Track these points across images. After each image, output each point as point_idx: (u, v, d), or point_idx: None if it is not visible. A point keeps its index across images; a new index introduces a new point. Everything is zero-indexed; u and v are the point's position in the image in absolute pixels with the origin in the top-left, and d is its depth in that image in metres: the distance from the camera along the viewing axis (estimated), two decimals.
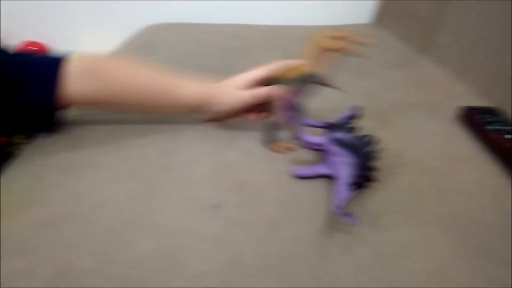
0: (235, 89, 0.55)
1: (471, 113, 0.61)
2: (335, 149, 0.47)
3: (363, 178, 0.47)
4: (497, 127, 0.56)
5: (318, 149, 0.50)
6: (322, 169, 0.49)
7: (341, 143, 0.47)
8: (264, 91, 0.54)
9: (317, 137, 0.50)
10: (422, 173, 0.52)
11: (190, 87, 0.55)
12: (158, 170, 0.49)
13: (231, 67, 0.84)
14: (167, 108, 0.57)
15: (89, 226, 0.41)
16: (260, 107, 0.56)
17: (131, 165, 0.50)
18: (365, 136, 0.47)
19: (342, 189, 0.44)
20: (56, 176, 0.47)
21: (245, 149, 0.54)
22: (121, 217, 0.42)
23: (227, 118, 0.58)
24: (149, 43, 1.00)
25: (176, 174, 0.49)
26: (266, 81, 0.55)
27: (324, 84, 0.51)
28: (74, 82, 0.50)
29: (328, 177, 0.48)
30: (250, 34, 1.11)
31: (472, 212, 0.45)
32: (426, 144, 0.59)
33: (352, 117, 0.51)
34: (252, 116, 0.57)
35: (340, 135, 0.48)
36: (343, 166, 0.46)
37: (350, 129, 0.49)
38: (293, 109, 0.50)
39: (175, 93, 0.55)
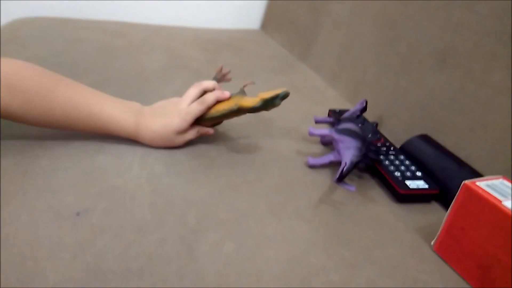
0: (173, 134, 0.55)
1: (332, 115, 0.68)
2: (342, 137, 0.55)
3: (366, 157, 0.54)
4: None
5: (327, 141, 0.63)
6: (331, 157, 0.57)
7: (346, 132, 0.56)
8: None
9: (324, 129, 0.59)
10: (289, 169, 0.57)
11: (122, 120, 0.53)
12: (16, 177, 0.45)
13: (108, 67, 0.81)
14: (91, 132, 0.54)
15: None
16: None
17: None
18: (368, 124, 0.59)
19: (344, 165, 0.51)
20: None
21: (117, 153, 0.52)
22: None
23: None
24: (15, 39, 0.89)
25: (36, 181, 0.45)
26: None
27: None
28: None
29: (338, 163, 0.55)
30: (132, 32, 1.07)
31: (333, 204, 0.51)
32: (297, 143, 0.64)
33: (362, 110, 0.60)
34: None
35: (348, 125, 0.57)
36: (348, 149, 0.54)
37: (358, 119, 0.58)
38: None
39: (103, 121, 0.52)
